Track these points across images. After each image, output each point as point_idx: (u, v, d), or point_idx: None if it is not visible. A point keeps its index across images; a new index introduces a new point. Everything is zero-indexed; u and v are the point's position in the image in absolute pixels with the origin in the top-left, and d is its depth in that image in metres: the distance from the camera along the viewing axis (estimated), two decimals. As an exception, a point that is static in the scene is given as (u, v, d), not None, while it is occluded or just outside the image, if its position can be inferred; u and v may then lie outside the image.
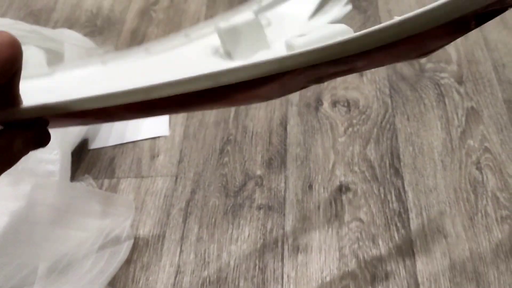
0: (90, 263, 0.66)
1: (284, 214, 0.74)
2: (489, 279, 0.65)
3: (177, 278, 0.70)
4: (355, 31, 0.32)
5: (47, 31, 0.87)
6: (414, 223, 0.71)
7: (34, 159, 0.70)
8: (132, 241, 0.72)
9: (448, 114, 0.83)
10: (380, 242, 0.70)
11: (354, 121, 0.84)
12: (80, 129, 0.81)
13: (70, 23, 1.08)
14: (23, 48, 0.31)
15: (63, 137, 0.75)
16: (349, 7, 0.48)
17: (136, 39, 1.03)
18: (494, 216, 0.71)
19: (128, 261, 0.71)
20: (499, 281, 0.65)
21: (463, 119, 0.82)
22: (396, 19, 0.29)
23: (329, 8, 0.48)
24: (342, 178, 0.77)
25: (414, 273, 0.67)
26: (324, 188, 0.76)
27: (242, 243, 0.72)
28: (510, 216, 0.71)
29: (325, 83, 0.90)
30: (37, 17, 1.10)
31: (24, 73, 0.31)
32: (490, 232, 0.70)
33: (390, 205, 0.74)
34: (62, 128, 0.32)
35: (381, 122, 0.83)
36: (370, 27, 0.29)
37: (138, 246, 0.73)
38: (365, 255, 0.69)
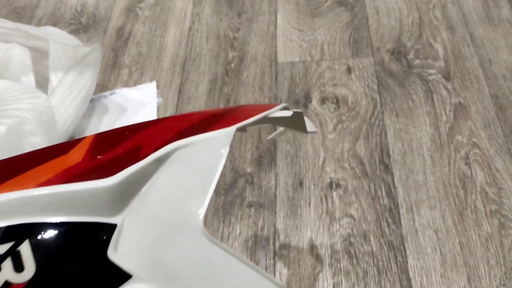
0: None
1: (275, 212, 0.74)
2: (480, 273, 0.66)
3: (168, 278, 0.69)
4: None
5: (31, 29, 0.86)
6: (405, 219, 0.72)
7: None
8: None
9: (436, 110, 0.84)
10: (372, 238, 0.70)
11: (343, 117, 0.84)
12: (66, 128, 0.80)
13: (55, 21, 1.06)
14: (7, 46, 0.29)
15: (49, 136, 0.74)
16: None
17: (122, 36, 1.02)
18: (483, 210, 0.72)
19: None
20: (490, 275, 0.66)
21: (451, 114, 0.83)
22: None
23: None
24: (332, 175, 0.77)
25: (406, 269, 0.67)
26: (314, 185, 0.76)
27: (233, 241, 0.72)
28: (499, 210, 0.71)
29: (313, 80, 0.90)
30: (20, 14, 1.08)
31: (7, 73, 0.30)
32: (479, 226, 0.70)
33: (381, 201, 0.74)
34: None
35: (370, 119, 0.84)
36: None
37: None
38: (357, 251, 0.69)
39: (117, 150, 0.32)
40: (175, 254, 0.32)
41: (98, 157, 0.32)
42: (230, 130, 0.35)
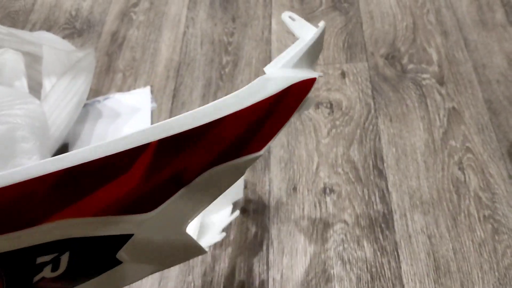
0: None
1: (268, 217, 0.74)
2: (473, 279, 0.66)
3: (161, 284, 0.69)
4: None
5: (24, 34, 0.86)
6: (399, 224, 0.72)
7: (12, 164, 0.69)
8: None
9: (430, 115, 0.84)
10: (365, 244, 0.70)
11: (337, 122, 0.84)
12: (60, 133, 0.79)
13: (49, 25, 1.06)
14: (0, 51, 0.30)
15: (42, 142, 0.74)
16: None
17: (116, 41, 1.02)
18: (477, 216, 0.71)
19: (111, 268, 0.69)
20: (483, 281, 0.66)
21: (445, 119, 0.83)
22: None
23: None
24: (326, 180, 0.77)
25: (399, 274, 0.67)
26: (308, 190, 0.76)
27: (226, 246, 0.71)
28: (492, 216, 0.71)
29: (308, 85, 0.90)
30: (15, 19, 1.08)
31: (0, 78, 0.30)
32: (473, 232, 0.70)
33: (374, 206, 0.74)
34: None
35: (364, 123, 0.84)
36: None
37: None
38: (350, 257, 0.69)
39: (167, 170, 0.32)
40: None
41: (150, 182, 0.32)
42: (258, 155, 0.36)
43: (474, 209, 0.72)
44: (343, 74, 0.91)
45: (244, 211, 0.75)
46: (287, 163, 0.80)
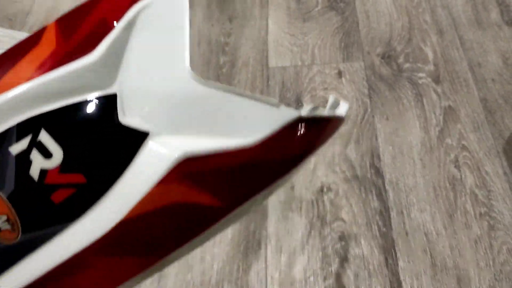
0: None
1: (266, 216, 0.74)
2: (470, 275, 0.67)
3: (160, 283, 0.69)
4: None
5: (22, 35, 0.86)
6: (395, 222, 0.72)
7: None
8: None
9: (426, 114, 0.84)
10: (362, 241, 0.71)
11: (334, 121, 0.85)
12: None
13: (46, 27, 1.07)
14: None
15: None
16: None
17: (114, 42, 1.02)
18: (473, 213, 0.72)
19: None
20: (479, 277, 0.66)
21: (441, 118, 0.83)
22: None
23: None
24: (324, 179, 0.78)
25: (396, 271, 0.68)
26: (306, 189, 0.77)
27: (225, 245, 0.72)
28: (488, 213, 0.72)
29: (304, 84, 0.90)
30: (12, 21, 1.09)
31: None
32: (469, 228, 0.71)
33: (371, 204, 0.74)
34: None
35: (361, 122, 0.84)
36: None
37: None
38: (348, 254, 0.70)
39: (84, 27, 0.32)
40: (178, 103, 0.34)
41: (70, 39, 0.32)
42: None
43: (470, 206, 0.73)
44: (340, 74, 0.92)
45: (242, 210, 0.75)
46: (284, 162, 0.80)
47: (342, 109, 0.43)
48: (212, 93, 0.34)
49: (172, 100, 0.34)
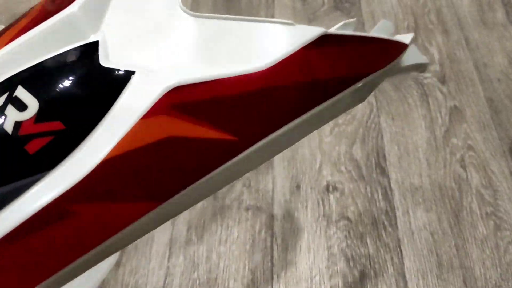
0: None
1: (272, 215, 0.75)
2: (475, 275, 0.67)
3: (166, 281, 0.70)
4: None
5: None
6: (401, 221, 0.72)
7: None
8: (120, 244, 0.71)
9: (432, 113, 0.84)
10: (368, 241, 0.71)
11: (340, 121, 0.85)
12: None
13: (53, 27, 1.07)
14: None
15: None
16: None
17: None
18: (479, 212, 0.72)
19: (117, 265, 0.70)
20: (485, 277, 0.66)
21: (447, 118, 0.83)
22: None
23: None
24: (329, 178, 0.78)
25: (402, 271, 0.68)
26: (311, 188, 0.77)
27: (231, 244, 0.72)
28: (494, 213, 0.72)
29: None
30: (19, 20, 1.09)
31: None
32: (475, 228, 0.71)
33: (377, 203, 0.74)
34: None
35: (367, 122, 0.84)
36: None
37: (127, 250, 0.72)
38: (354, 254, 0.70)
39: None
40: (169, 39, 0.32)
41: (52, 5, 0.32)
42: None
43: (476, 206, 0.73)
44: (345, 74, 0.92)
45: (247, 208, 0.75)
46: (290, 161, 0.80)
47: (404, 37, 0.40)
48: (206, 23, 0.32)
49: (162, 36, 0.32)
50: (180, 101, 0.28)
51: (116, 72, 0.29)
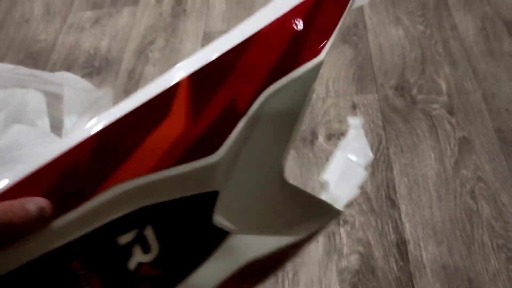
0: None
1: (283, 249, 0.75)
2: (489, 309, 0.66)
3: None
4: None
5: (46, 75, 0.89)
6: (412, 254, 0.72)
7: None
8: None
9: (441, 145, 0.85)
10: (380, 275, 0.71)
11: (349, 154, 0.86)
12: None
13: (68, 64, 1.10)
14: (23, 91, 0.31)
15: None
16: None
17: (133, 78, 1.05)
18: (490, 245, 0.72)
19: None
20: (498, 311, 0.66)
21: (456, 149, 0.84)
22: None
23: None
24: (340, 211, 0.78)
25: (414, 305, 0.68)
26: (322, 221, 0.77)
27: (243, 279, 0.73)
28: (506, 245, 0.72)
29: (319, 117, 0.92)
30: (36, 59, 1.13)
31: (24, 117, 0.31)
32: (487, 261, 0.71)
33: (388, 236, 0.75)
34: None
35: (376, 154, 0.85)
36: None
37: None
38: (365, 288, 0.70)
39: (214, 106, 0.30)
40: (262, 204, 0.35)
41: (199, 120, 0.30)
42: (318, 61, 0.31)
43: (487, 238, 0.73)
44: (354, 106, 0.93)
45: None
46: (300, 195, 0.81)
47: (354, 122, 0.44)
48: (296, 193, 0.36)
49: (257, 204, 0.34)
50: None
51: (218, 230, 0.32)
